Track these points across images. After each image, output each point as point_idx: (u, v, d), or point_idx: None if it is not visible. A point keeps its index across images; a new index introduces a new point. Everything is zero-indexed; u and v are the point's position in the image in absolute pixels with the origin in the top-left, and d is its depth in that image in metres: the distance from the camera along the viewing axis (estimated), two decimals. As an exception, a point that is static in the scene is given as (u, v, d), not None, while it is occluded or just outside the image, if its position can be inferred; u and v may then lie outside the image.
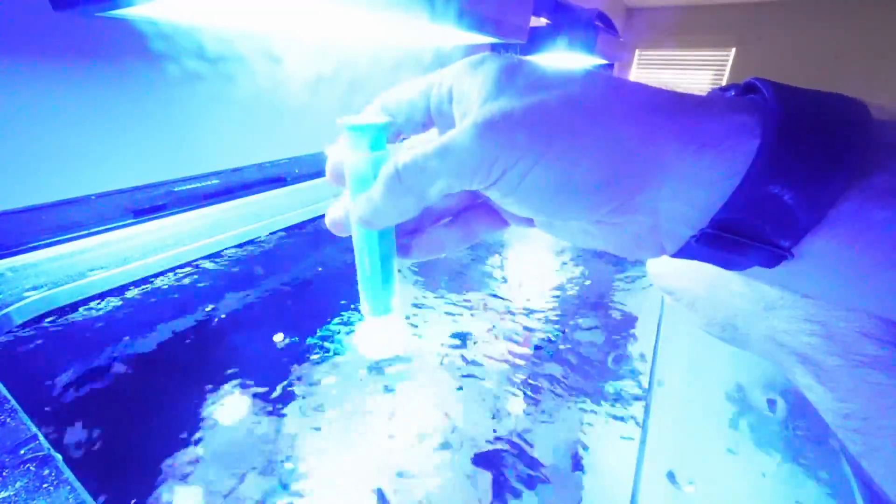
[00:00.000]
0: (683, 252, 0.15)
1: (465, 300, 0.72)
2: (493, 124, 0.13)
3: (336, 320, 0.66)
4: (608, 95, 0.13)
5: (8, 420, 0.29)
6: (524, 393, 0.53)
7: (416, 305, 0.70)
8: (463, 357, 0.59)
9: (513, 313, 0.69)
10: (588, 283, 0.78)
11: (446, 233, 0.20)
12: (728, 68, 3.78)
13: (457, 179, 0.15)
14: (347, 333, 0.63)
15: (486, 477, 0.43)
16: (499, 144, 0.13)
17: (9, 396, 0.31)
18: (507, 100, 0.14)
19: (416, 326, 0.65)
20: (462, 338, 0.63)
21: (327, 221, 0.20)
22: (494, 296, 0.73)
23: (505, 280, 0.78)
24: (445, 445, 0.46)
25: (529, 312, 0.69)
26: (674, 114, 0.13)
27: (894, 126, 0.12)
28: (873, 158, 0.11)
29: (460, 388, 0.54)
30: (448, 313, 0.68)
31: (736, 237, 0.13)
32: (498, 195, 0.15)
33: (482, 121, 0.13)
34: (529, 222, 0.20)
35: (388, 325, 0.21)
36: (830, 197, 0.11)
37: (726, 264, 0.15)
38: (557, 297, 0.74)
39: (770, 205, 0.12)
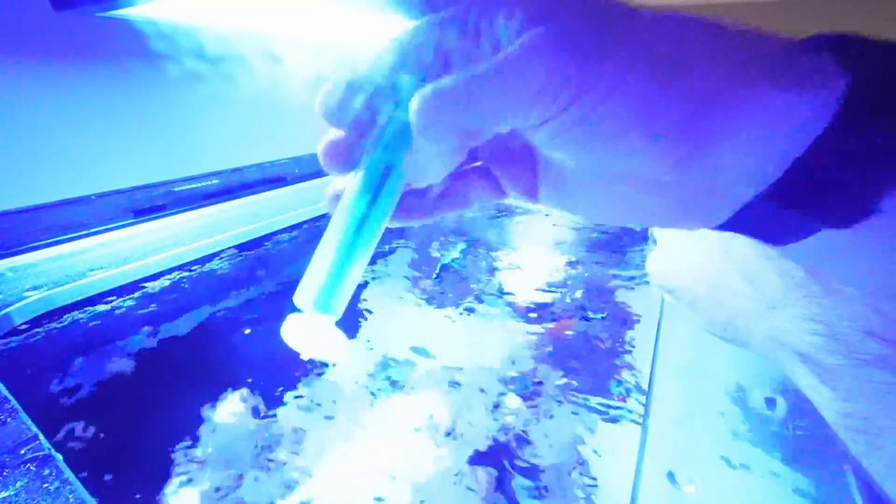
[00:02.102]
0: (735, 220, 0.13)
1: (464, 301, 0.72)
2: (568, 35, 0.11)
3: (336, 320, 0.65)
4: (696, 22, 0.12)
5: (8, 420, 0.29)
6: (524, 393, 0.53)
7: (416, 304, 0.70)
8: (462, 358, 0.59)
9: (514, 311, 0.69)
10: (588, 282, 0.78)
11: (435, 196, 0.17)
12: (728, 68, 3.78)
13: (513, 108, 0.12)
14: (346, 333, 0.63)
15: (485, 477, 0.43)
16: (574, 62, 0.11)
17: (9, 396, 0.31)
18: (580, 17, 0.11)
19: (417, 327, 0.65)
20: (461, 338, 0.63)
21: (328, 193, 0.17)
22: (493, 295, 0.73)
23: (503, 280, 0.78)
24: (445, 446, 0.46)
25: (529, 311, 0.69)
26: (767, 45, 0.12)
27: None
28: None
29: (460, 389, 0.54)
30: (447, 315, 0.68)
31: (814, 189, 0.11)
32: (548, 134, 0.12)
33: (554, 33, 0.11)
34: (532, 194, 0.17)
35: (325, 326, 0.18)
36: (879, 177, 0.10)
37: (780, 233, 0.13)
38: (557, 296, 0.74)
39: (856, 151, 0.10)
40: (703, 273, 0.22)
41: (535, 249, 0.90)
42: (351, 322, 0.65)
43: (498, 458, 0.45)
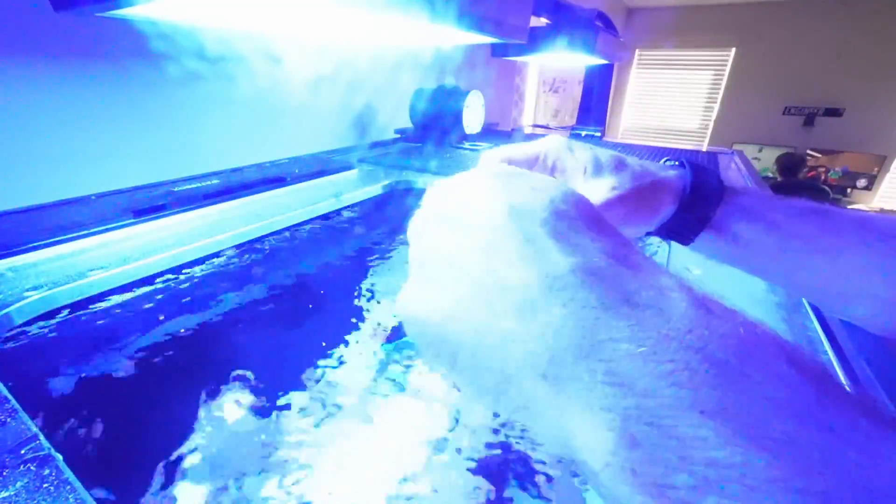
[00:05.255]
0: (658, 230, 0.29)
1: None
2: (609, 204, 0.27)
3: (336, 320, 0.66)
4: (649, 186, 0.28)
5: (8, 420, 0.29)
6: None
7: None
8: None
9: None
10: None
11: None
12: (728, 68, 3.78)
13: None
14: (347, 333, 0.63)
15: (486, 477, 0.43)
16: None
17: (9, 396, 0.31)
18: (609, 182, 0.27)
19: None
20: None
21: None
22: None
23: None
24: (446, 445, 0.46)
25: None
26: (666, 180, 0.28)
27: (733, 188, 0.28)
28: (725, 199, 0.27)
29: (461, 389, 0.54)
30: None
31: (675, 228, 0.28)
32: None
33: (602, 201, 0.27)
34: None
35: None
36: (708, 215, 0.27)
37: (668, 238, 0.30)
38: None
39: (685, 219, 0.27)
40: (467, 310, 0.14)
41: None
42: (351, 321, 0.65)
43: (499, 458, 0.45)
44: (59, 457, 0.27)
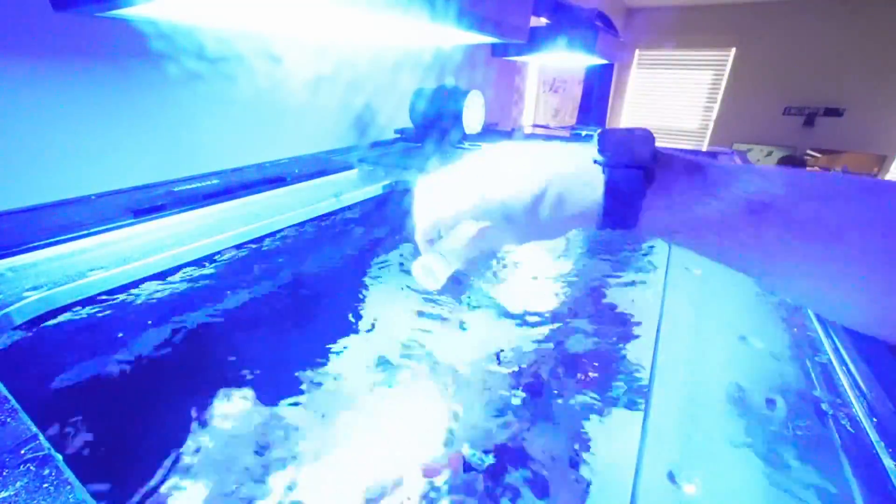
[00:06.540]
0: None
1: (463, 298, 0.72)
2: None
3: (336, 319, 0.66)
4: None
5: (8, 420, 0.29)
6: (524, 393, 0.53)
7: (415, 301, 0.70)
8: (462, 358, 0.59)
9: (511, 316, 0.69)
10: (586, 283, 0.78)
11: None
12: (728, 68, 3.78)
13: None
14: (346, 332, 0.63)
15: (484, 476, 0.43)
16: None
17: (9, 396, 0.31)
18: None
19: (415, 325, 0.65)
20: (461, 339, 0.63)
21: None
22: (493, 293, 0.73)
23: (503, 282, 0.78)
24: (445, 446, 0.46)
25: (528, 314, 0.69)
26: None
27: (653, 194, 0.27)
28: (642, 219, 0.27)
29: (460, 389, 0.54)
30: (446, 313, 0.68)
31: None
32: None
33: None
34: None
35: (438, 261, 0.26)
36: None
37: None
38: (556, 297, 0.74)
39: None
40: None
41: (535, 248, 0.90)
42: (350, 321, 0.65)
43: (497, 457, 0.45)
44: (59, 457, 0.27)
